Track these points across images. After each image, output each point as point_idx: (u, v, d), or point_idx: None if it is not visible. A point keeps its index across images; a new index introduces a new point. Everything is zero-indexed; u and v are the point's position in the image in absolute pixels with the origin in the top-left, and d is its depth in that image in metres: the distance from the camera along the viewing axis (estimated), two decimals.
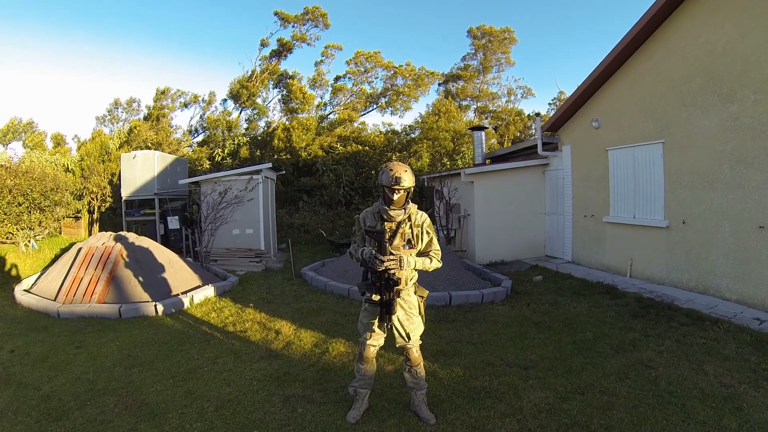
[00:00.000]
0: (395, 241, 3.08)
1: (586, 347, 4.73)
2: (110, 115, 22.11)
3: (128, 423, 3.35)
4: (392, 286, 3.02)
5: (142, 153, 12.26)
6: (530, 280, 7.99)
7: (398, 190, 3.01)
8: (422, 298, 3.39)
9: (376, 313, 3.21)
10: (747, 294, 5.94)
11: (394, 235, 3.08)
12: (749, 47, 5.85)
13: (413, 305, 3.31)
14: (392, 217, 3.07)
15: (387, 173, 3.00)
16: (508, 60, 24.72)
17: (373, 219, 3.19)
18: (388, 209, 3.07)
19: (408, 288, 3.25)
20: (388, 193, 3.05)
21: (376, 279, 3.04)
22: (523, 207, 10.13)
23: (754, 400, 3.47)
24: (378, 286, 3.04)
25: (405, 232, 3.11)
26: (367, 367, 3.35)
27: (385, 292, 3.02)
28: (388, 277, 3.00)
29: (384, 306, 3.06)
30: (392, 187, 2.99)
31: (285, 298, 7.03)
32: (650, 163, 7.48)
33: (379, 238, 2.98)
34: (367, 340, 3.30)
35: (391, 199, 3.05)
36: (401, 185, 2.98)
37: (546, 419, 3.33)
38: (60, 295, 6.46)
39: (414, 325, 3.29)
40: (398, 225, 3.11)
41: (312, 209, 15.89)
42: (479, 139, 13.38)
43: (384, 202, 3.12)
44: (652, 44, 7.32)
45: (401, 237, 3.10)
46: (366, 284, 3.15)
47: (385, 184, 3.02)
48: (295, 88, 21.42)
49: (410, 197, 3.15)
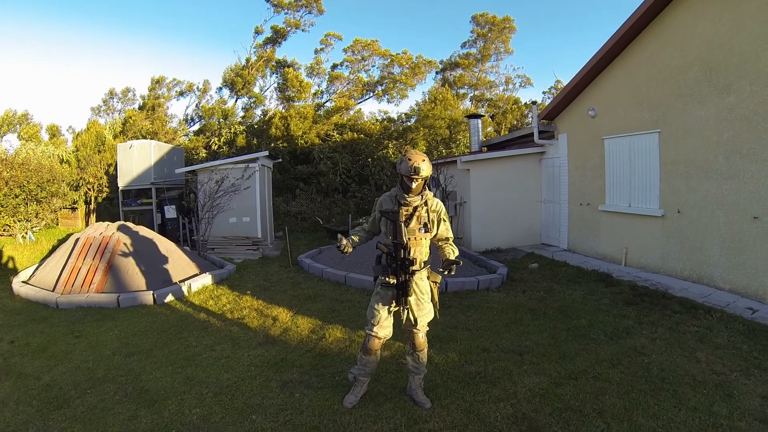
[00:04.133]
0: (411, 224, 3.18)
1: (580, 334, 4.79)
2: (105, 106, 21.85)
3: (128, 410, 3.39)
4: (408, 266, 3.10)
5: (138, 143, 12.17)
6: (526, 268, 8.04)
7: (416, 179, 3.12)
8: (436, 283, 3.45)
9: (387, 298, 3.27)
10: (740, 284, 6.01)
11: (411, 218, 3.19)
12: (746, 39, 5.84)
13: (425, 290, 3.36)
14: (409, 203, 3.19)
15: (406, 163, 3.10)
16: (507, 49, 24.57)
17: (390, 203, 3.29)
18: (406, 196, 3.18)
19: (421, 271, 3.30)
20: (406, 182, 3.16)
21: (392, 260, 3.14)
22: (519, 195, 10.16)
23: (744, 388, 3.53)
24: (394, 268, 3.13)
25: (421, 215, 3.22)
26: (370, 358, 3.41)
27: (401, 274, 3.10)
28: (404, 257, 3.08)
29: (399, 288, 3.13)
30: (411, 176, 3.09)
31: (282, 285, 7.07)
32: (646, 152, 7.50)
33: (394, 218, 3.11)
34: (373, 330, 3.33)
35: (410, 187, 3.16)
36: (420, 174, 3.08)
37: (540, 404, 3.39)
38: (58, 285, 6.47)
39: (423, 312, 3.34)
40: (414, 209, 3.21)
41: (309, 197, 15.88)
42: (476, 127, 13.36)
43: (402, 189, 3.22)
44: (649, 35, 7.29)
45: (417, 220, 3.20)
46: (381, 267, 3.23)
47: (404, 173, 3.12)
48: (291, 76, 21.24)
49: (428, 184, 3.25)
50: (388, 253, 3.17)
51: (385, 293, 3.28)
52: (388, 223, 3.19)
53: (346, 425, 3.14)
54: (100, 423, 3.23)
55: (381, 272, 3.22)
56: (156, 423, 3.22)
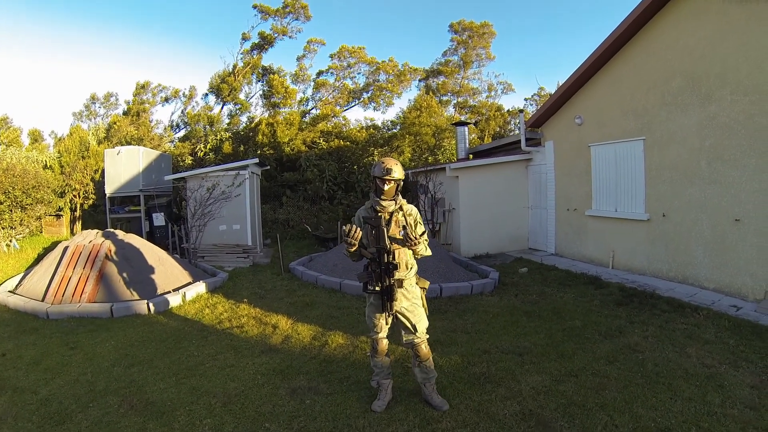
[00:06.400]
0: (391, 228, 3.29)
1: (575, 334, 4.95)
2: (87, 111, 21.51)
3: (136, 423, 3.33)
4: (392, 270, 3.20)
5: (126, 149, 11.96)
6: (516, 272, 8.20)
7: (389, 181, 3.27)
8: (424, 289, 3.55)
9: (380, 306, 3.34)
10: (724, 283, 6.25)
11: (389, 223, 3.30)
12: (727, 50, 6.12)
13: (416, 295, 3.45)
14: (384, 207, 3.31)
15: (379, 165, 3.28)
16: (488, 55, 24.95)
17: (367, 214, 3.39)
18: (379, 200, 3.30)
19: (409, 277, 3.39)
20: (379, 184, 3.30)
21: (376, 266, 3.23)
22: (506, 201, 10.34)
23: (734, 379, 3.74)
24: (378, 273, 3.22)
25: (398, 219, 3.34)
26: (382, 359, 3.51)
27: (385, 278, 3.19)
28: (388, 261, 3.19)
29: (385, 293, 3.21)
30: (383, 177, 3.25)
31: (277, 293, 7.06)
32: (631, 158, 7.75)
33: (377, 223, 3.22)
34: (378, 335, 3.45)
35: (382, 190, 3.29)
36: (392, 176, 3.24)
37: (544, 400, 3.51)
38: (48, 295, 6.34)
39: (418, 317, 3.42)
40: (391, 214, 3.33)
41: (296, 204, 15.83)
42: (462, 135, 13.56)
43: (376, 194, 3.35)
44: (634, 46, 7.57)
45: (396, 224, 3.32)
46: (366, 274, 3.32)
47: (377, 174, 3.28)
48: (276, 82, 21.22)
49: (399, 190, 3.38)
50: (373, 260, 3.27)
51: (378, 303, 3.37)
52: (370, 231, 3.29)
53: (361, 429, 3.19)
54: None
55: (366, 278, 3.32)
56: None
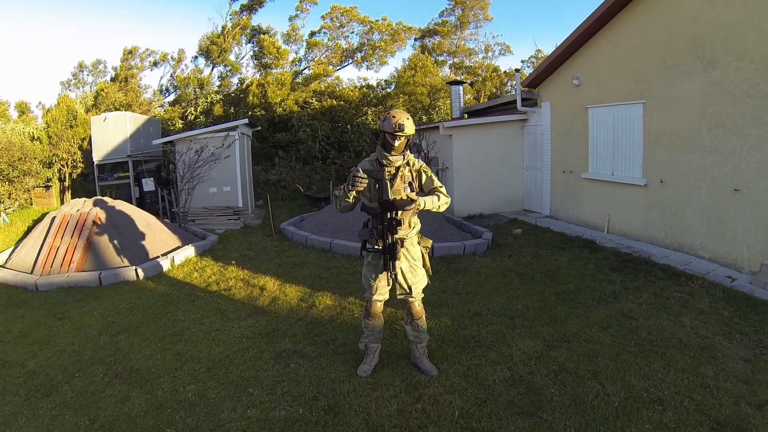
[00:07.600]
0: (395, 183, 3.11)
1: (569, 298, 4.89)
2: (75, 79, 20.64)
3: (120, 391, 3.29)
4: (395, 227, 3.02)
5: (113, 115, 11.66)
6: (510, 233, 8.11)
7: (400, 137, 3.05)
8: (426, 248, 3.41)
9: (379, 267, 3.20)
10: (720, 253, 6.16)
11: (395, 178, 3.12)
12: (734, 16, 5.81)
13: (417, 256, 3.32)
14: (392, 162, 3.12)
15: (389, 120, 3.03)
16: (486, 15, 24.09)
17: (371, 166, 3.16)
18: (388, 155, 3.10)
19: (411, 237, 3.25)
20: (389, 140, 3.08)
21: (378, 222, 3.05)
22: (501, 161, 10.15)
23: (728, 351, 3.65)
24: (380, 230, 3.04)
25: (405, 175, 3.17)
26: (374, 321, 3.39)
27: (387, 235, 3.02)
28: (391, 217, 3.01)
29: (388, 251, 3.04)
30: (395, 133, 3.02)
31: (266, 254, 6.98)
32: (630, 122, 7.52)
33: (379, 176, 3.01)
34: (372, 296, 3.31)
35: (392, 146, 3.08)
36: (404, 132, 3.01)
37: (536, 366, 3.46)
38: (36, 267, 6.21)
39: (417, 278, 3.31)
40: (397, 169, 3.14)
41: (288, 165, 15.66)
42: (457, 94, 13.24)
43: (384, 148, 3.14)
44: (637, 7, 7.18)
45: (401, 179, 3.14)
46: (367, 231, 3.13)
47: (387, 130, 3.03)
48: (267, 43, 20.49)
49: (409, 144, 3.18)
50: (374, 216, 3.08)
51: (377, 263, 3.22)
52: (373, 185, 3.08)
53: (345, 394, 3.14)
54: (92, 407, 3.12)
55: (368, 235, 3.13)
56: (150, 403, 3.14)
